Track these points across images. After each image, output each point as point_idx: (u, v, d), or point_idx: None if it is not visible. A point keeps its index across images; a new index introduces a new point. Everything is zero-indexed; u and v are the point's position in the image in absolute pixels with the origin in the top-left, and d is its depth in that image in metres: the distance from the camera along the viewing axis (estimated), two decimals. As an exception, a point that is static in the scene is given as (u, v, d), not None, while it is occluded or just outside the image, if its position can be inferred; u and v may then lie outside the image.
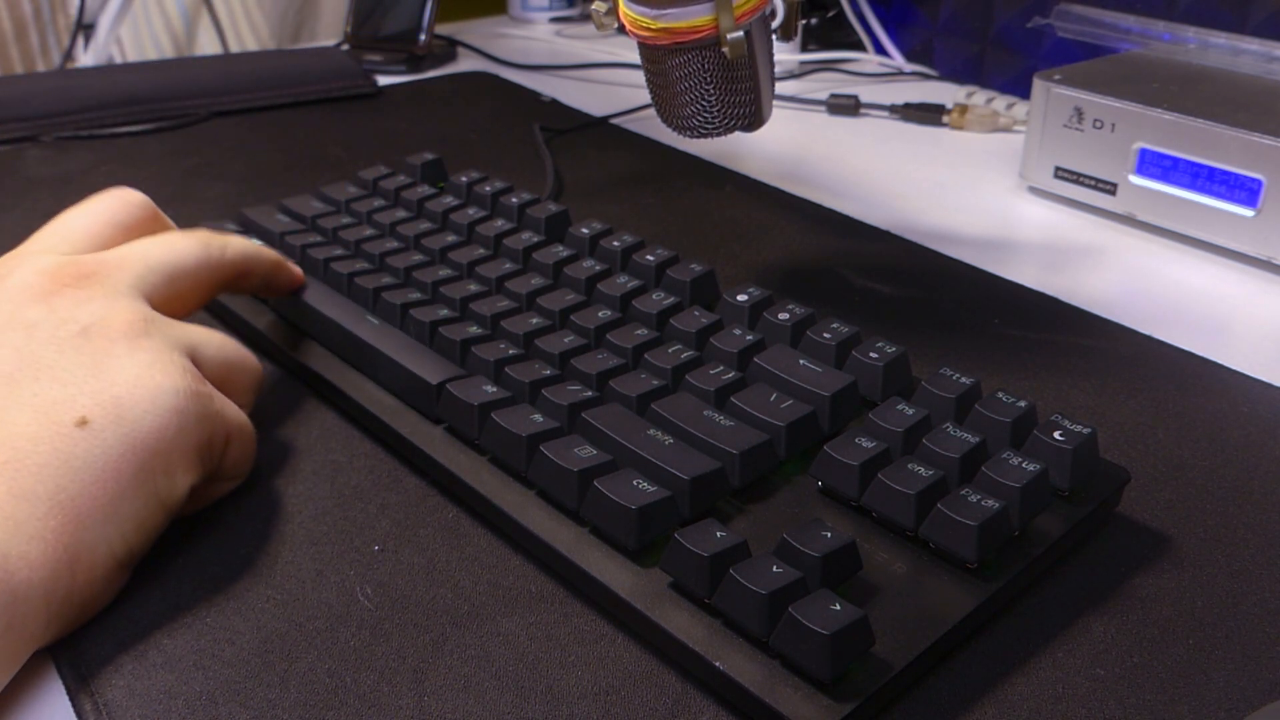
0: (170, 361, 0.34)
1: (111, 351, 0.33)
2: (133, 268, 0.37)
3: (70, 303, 0.34)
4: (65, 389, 0.32)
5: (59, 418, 0.32)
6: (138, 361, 0.34)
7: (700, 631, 0.30)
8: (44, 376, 0.33)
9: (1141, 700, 0.30)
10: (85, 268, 0.36)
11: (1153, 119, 0.58)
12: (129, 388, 0.33)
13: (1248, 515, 0.37)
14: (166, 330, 0.36)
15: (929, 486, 0.33)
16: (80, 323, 0.34)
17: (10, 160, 0.71)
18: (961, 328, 0.50)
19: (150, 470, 0.32)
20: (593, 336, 0.42)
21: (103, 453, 0.32)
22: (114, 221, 0.39)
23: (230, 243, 0.41)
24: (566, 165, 0.70)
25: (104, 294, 0.35)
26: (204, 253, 0.40)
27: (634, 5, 0.43)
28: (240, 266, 0.42)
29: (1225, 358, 0.47)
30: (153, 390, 0.33)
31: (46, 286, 0.35)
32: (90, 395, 0.32)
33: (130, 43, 1.22)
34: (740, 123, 0.46)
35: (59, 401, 0.32)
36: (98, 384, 0.33)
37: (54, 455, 0.31)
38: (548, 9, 1.07)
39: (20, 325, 0.34)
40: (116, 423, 0.32)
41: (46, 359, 0.33)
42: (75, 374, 0.33)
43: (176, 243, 0.39)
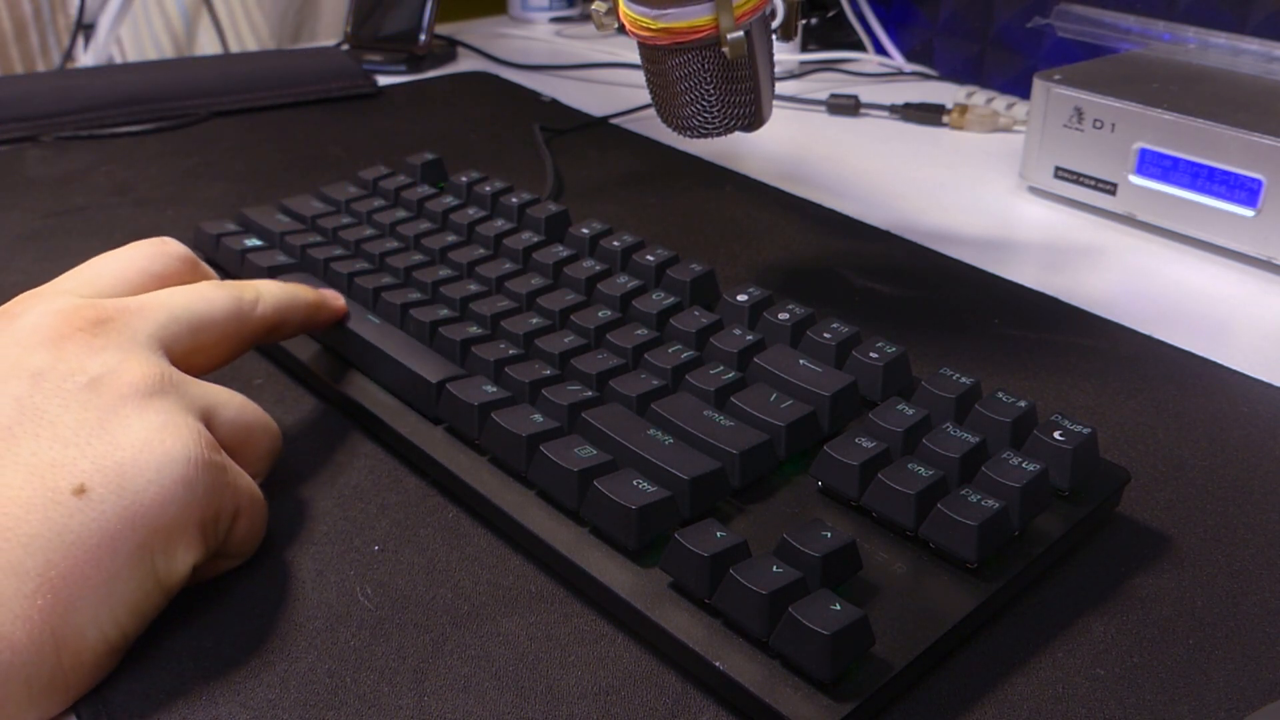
0: (182, 425, 0.31)
1: (119, 410, 0.31)
2: (154, 316, 0.34)
3: (81, 351, 0.32)
4: (65, 450, 0.30)
5: (56, 483, 0.29)
6: (147, 423, 0.31)
7: (700, 631, 0.30)
8: (44, 434, 0.30)
9: (1141, 700, 0.30)
10: (102, 312, 0.33)
11: (1153, 119, 0.58)
12: (134, 453, 0.30)
13: (1248, 515, 0.37)
14: (182, 389, 0.33)
15: (929, 486, 0.33)
16: (89, 374, 0.31)
17: (10, 160, 0.71)
18: (961, 328, 0.50)
19: (149, 547, 0.30)
20: (593, 336, 0.42)
21: (99, 526, 0.29)
22: (147, 269, 0.37)
23: (264, 294, 0.38)
24: (566, 165, 0.70)
25: (118, 343, 0.32)
26: (235, 306, 0.37)
27: (634, 5, 0.43)
28: (274, 320, 0.39)
29: (1225, 358, 0.47)
30: (160, 457, 0.30)
31: (58, 330, 0.32)
32: (92, 459, 0.30)
33: (130, 43, 1.22)
34: (740, 123, 0.46)
35: (57, 464, 0.29)
36: (101, 447, 0.30)
37: (47, 526, 0.28)
38: (548, 9, 1.07)
39: (25, 372, 0.31)
40: (118, 493, 0.29)
41: (49, 413, 0.30)
42: (78, 433, 0.30)
43: (206, 292, 0.36)
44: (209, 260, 0.52)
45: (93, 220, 0.62)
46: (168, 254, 0.38)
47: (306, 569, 0.35)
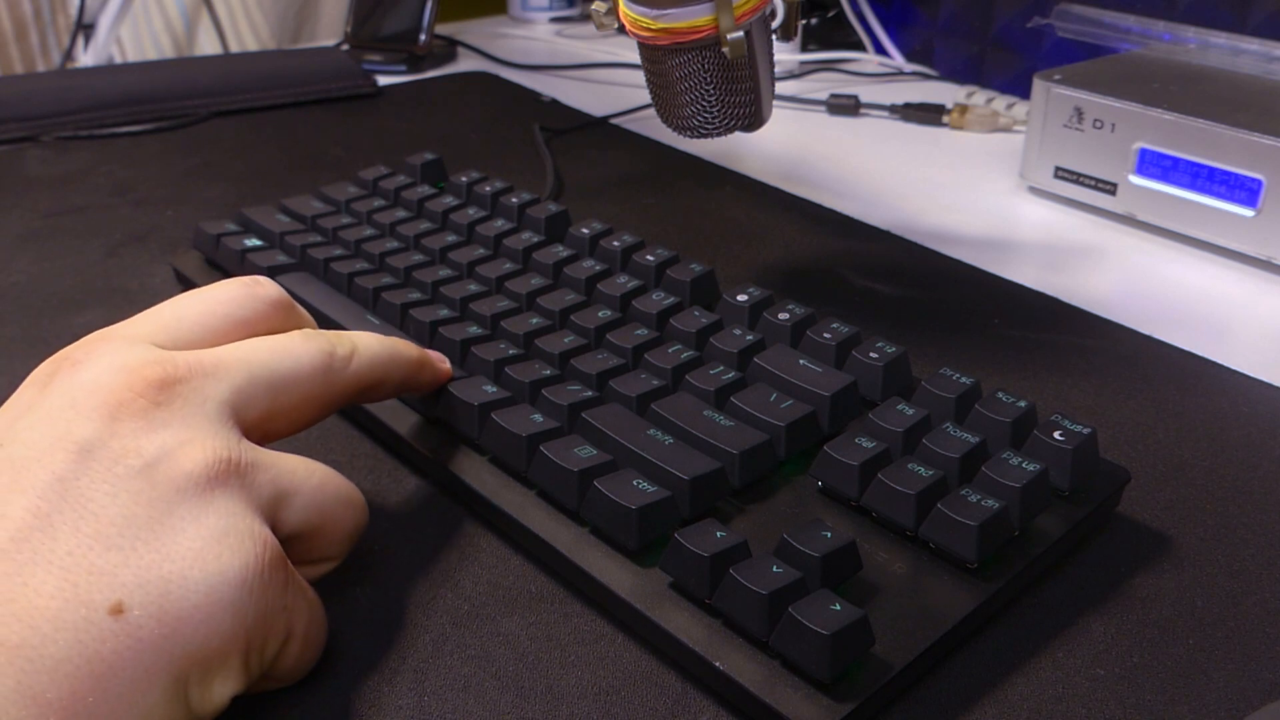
0: (244, 533, 0.27)
1: (175, 509, 0.27)
2: (229, 376, 0.30)
3: (139, 425, 0.27)
4: (107, 555, 0.25)
5: (91, 597, 0.25)
6: (204, 529, 0.27)
7: (700, 631, 0.30)
8: (86, 528, 0.25)
9: (1141, 700, 0.30)
10: (172, 373, 0.28)
11: (1153, 119, 0.58)
12: (184, 567, 0.26)
13: (1248, 515, 0.37)
14: (250, 476, 0.28)
15: (929, 486, 0.33)
16: (144, 457, 0.27)
17: (10, 160, 0.71)
18: (961, 328, 0.50)
19: (185, 679, 0.26)
20: (593, 336, 0.42)
21: (135, 655, 0.25)
22: (233, 315, 0.32)
23: (361, 349, 0.34)
24: (566, 165, 0.70)
25: (183, 416, 0.28)
26: (325, 362, 0.32)
27: (634, 5, 0.43)
28: (368, 380, 0.34)
29: (1225, 358, 0.47)
30: (213, 575, 0.26)
31: (118, 394, 0.28)
32: (135, 571, 0.25)
33: (130, 43, 1.22)
34: (740, 123, 0.46)
35: (96, 572, 0.25)
36: (148, 556, 0.26)
37: (77, 650, 0.24)
38: (548, 9, 1.07)
39: (73, 445, 0.27)
40: (158, 617, 0.25)
41: (95, 503, 0.26)
42: (124, 533, 0.26)
43: (294, 346, 0.32)
44: (209, 260, 0.52)
45: (93, 220, 0.62)
46: (258, 297, 0.33)
47: (306, 569, 0.35)
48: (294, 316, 0.34)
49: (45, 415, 0.27)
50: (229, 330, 0.32)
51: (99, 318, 0.51)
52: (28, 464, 0.26)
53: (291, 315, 0.34)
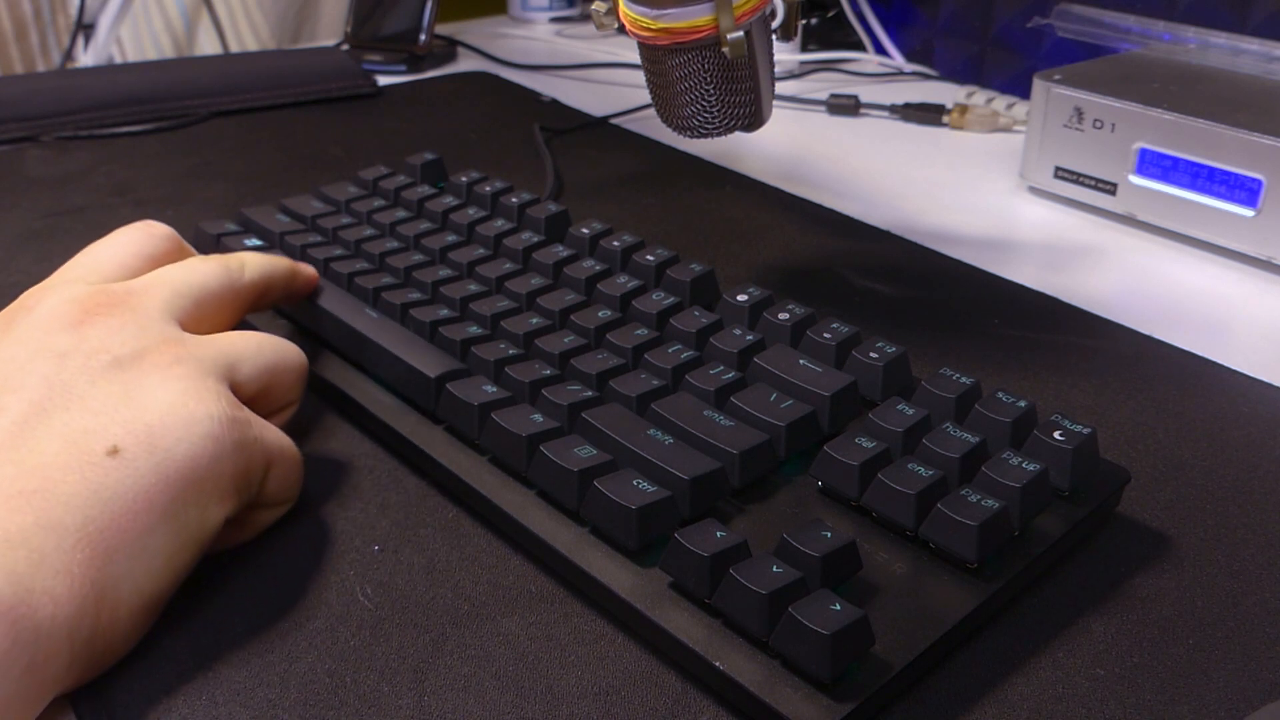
0: (205, 389, 0.33)
1: (144, 382, 0.33)
2: (159, 293, 0.36)
3: (101, 331, 0.34)
4: (97, 418, 0.31)
5: (90, 447, 0.31)
6: (171, 390, 0.33)
7: (700, 631, 0.30)
8: (74, 406, 0.32)
9: (1141, 700, 0.30)
10: (114, 296, 0.35)
11: (1153, 119, 0.58)
12: (162, 416, 0.32)
13: (1248, 515, 0.37)
14: (200, 353, 0.35)
15: (929, 486, 0.33)
16: (112, 352, 0.33)
17: (10, 160, 0.71)
18: (961, 328, 0.50)
19: (183, 501, 0.31)
20: (593, 336, 0.42)
21: (134, 482, 0.30)
22: (140, 253, 0.39)
23: (247, 261, 0.41)
24: (566, 165, 0.70)
25: (135, 321, 0.35)
26: (225, 274, 0.39)
27: (634, 5, 0.43)
28: (261, 284, 0.41)
29: (1225, 358, 0.47)
30: (186, 418, 0.32)
31: (76, 315, 0.34)
32: (122, 424, 0.31)
33: (130, 43, 1.22)
34: (740, 123, 0.46)
35: (90, 430, 0.31)
36: (130, 413, 0.32)
37: (84, 484, 0.30)
38: (548, 9, 1.07)
39: (51, 353, 0.33)
40: (149, 452, 0.31)
41: (78, 388, 0.32)
42: (107, 404, 0.32)
43: (198, 266, 0.39)
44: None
45: (93, 220, 0.62)
46: (156, 235, 0.40)
47: (306, 569, 0.35)
48: (185, 249, 0.42)
49: (20, 338, 0.34)
50: (140, 266, 0.39)
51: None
52: (15, 373, 0.32)
53: (184, 248, 0.42)
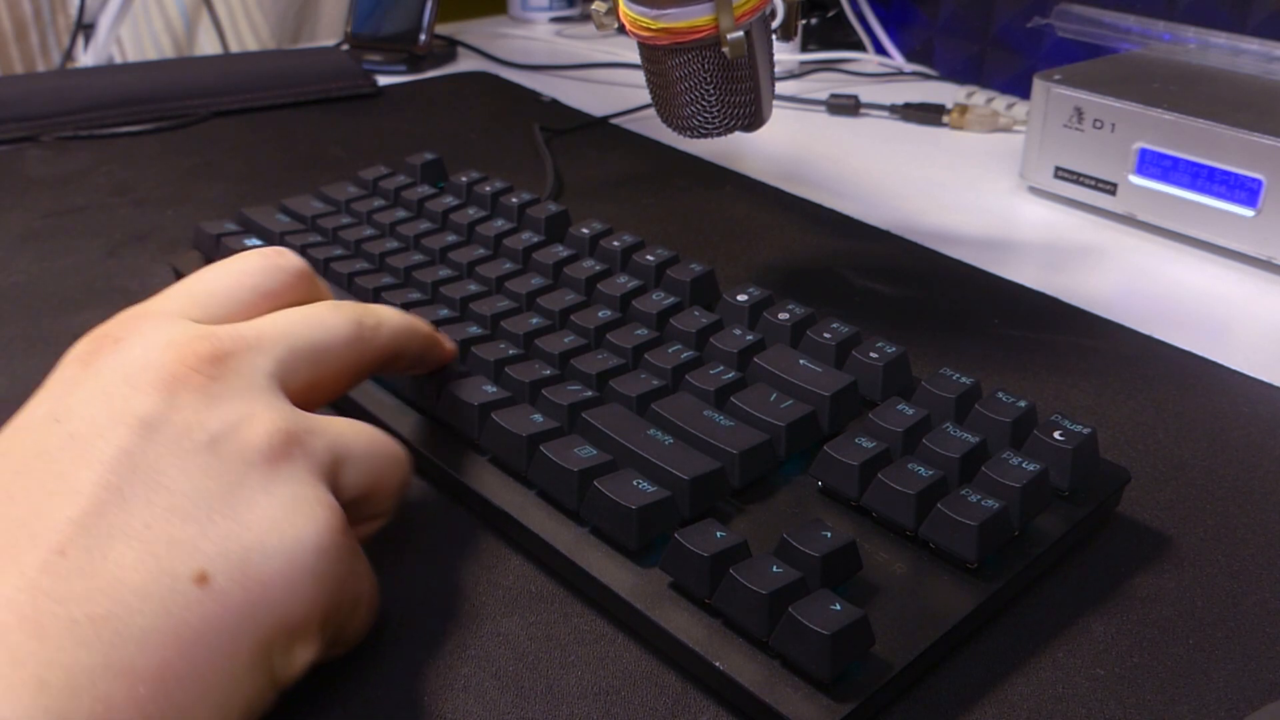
0: (313, 500, 0.28)
1: (245, 480, 0.27)
2: (273, 348, 0.30)
3: (198, 400, 0.28)
4: (185, 527, 0.26)
5: (174, 567, 0.25)
6: (275, 499, 0.27)
7: (700, 631, 0.30)
8: (159, 501, 0.26)
9: (1141, 700, 0.30)
10: (219, 348, 0.29)
11: (1153, 119, 0.58)
12: (262, 536, 0.26)
13: (1248, 515, 0.37)
14: (309, 444, 0.29)
15: (929, 486, 0.33)
16: (209, 431, 0.27)
17: (10, 160, 0.71)
18: (961, 328, 0.50)
19: (270, 645, 0.26)
20: (593, 336, 0.42)
21: (221, 622, 0.25)
22: (260, 287, 0.33)
23: (384, 319, 0.35)
24: (566, 165, 0.70)
25: (239, 389, 0.29)
26: (356, 333, 0.33)
27: (634, 5, 0.43)
28: (391, 350, 0.35)
29: (1225, 358, 0.47)
30: (290, 542, 0.27)
31: (171, 370, 0.28)
32: (215, 541, 0.26)
33: (130, 43, 1.22)
34: (740, 123, 0.46)
35: (177, 543, 0.25)
36: (225, 525, 0.26)
37: (164, 619, 0.24)
38: (548, 9, 1.07)
39: (134, 420, 0.27)
40: (243, 585, 0.26)
41: (165, 476, 0.26)
42: (198, 505, 0.26)
43: (326, 317, 0.32)
44: (209, 260, 0.52)
45: (93, 220, 0.62)
46: (282, 268, 0.34)
47: (306, 569, 0.35)
48: (315, 287, 0.35)
49: (99, 391, 0.27)
50: (257, 302, 0.32)
51: (99, 317, 0.51)
52: (91, 439, 0.26)
53: (313, 285, 0.35)
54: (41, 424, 0.27)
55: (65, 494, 0.25)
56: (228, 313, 0.32)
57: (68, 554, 0.24)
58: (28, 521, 0.24)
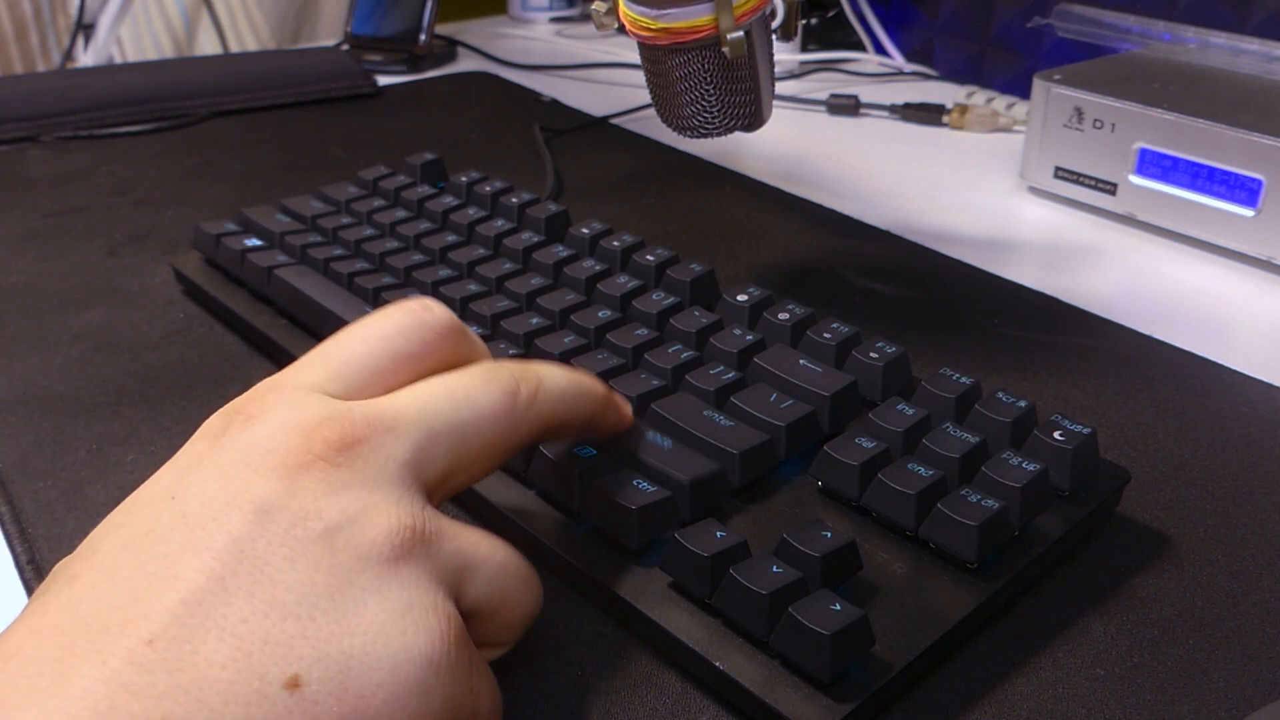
0: (429, 608, 0.25)
1: (355, 579, 0.24)
2: (410, 433, 0.27)
3: (320, 488, 0.25)
4: (283, 625, 0.23)
5: (266, 668, 0.23)
6: (387, 603, 0.24)
7: (700, 631, 0.30)
8: (261, 593, 0.23)
9: (1141, 700, 0.30)
10: (350, 432, 0.26)
11: (1153, 119, 0.58)
12: (366, 643, 0.24)
13: (1248, 515, 0.37)
14: (434, 547, 0.26)
15: (929, 486, 0.33)
16: (325, 521, 0.25)
17: (10, 160, 0.71)
18: (961, 328, 0.50)
19: None
20: (593, 337, 0.42)
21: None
22: (402, 352, 0.29)
23: (545, 385, 0.31)
24: (566, 165, 0.70)
25: (364, 479, 0.26)
26: (508, 405, 0.29)
27: (634, 5, 0.43)
28: (552, 420, 0.31)
29: (1225, 358, 0.47)
30: (397, 653, 0.24)
31: (296, 455, 0.26)
32: (314, 643, 0.23)
33: (130, 43, 1.22)
34: (740, 123, 0.46)
35: (272, 641, 0.23)
36: (328, 627, 0.24)
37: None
38: (548, 9, 1.07)
39: (249, 506, 0.25)
40: (338, 694, 0.23)
41: (271, 567, 0.24)
42: (302, 601, 0.24)
43: (475, 392, 0.29)
44: (209, 260, 0.52)
45: (93, 220, 0.62)
46: (427, 326, 0.30)
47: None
48: (465, 343, 0.31)
49: (219, 471, 0.26)
50: (398, 369, 0.29)
51: (99, 317, 0.51)
52: (203, 522, 0.24)
53: (463, 342, 0.31)
54: (159, 500, 0.26)
55: (166, 579, 0.23)
56: (366, 382, 0.29)
57: (156, 645, 0.22)
58: (123, 605, 0.23)
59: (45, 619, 0.23)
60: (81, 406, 0.44)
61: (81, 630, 0.22)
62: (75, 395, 0.45)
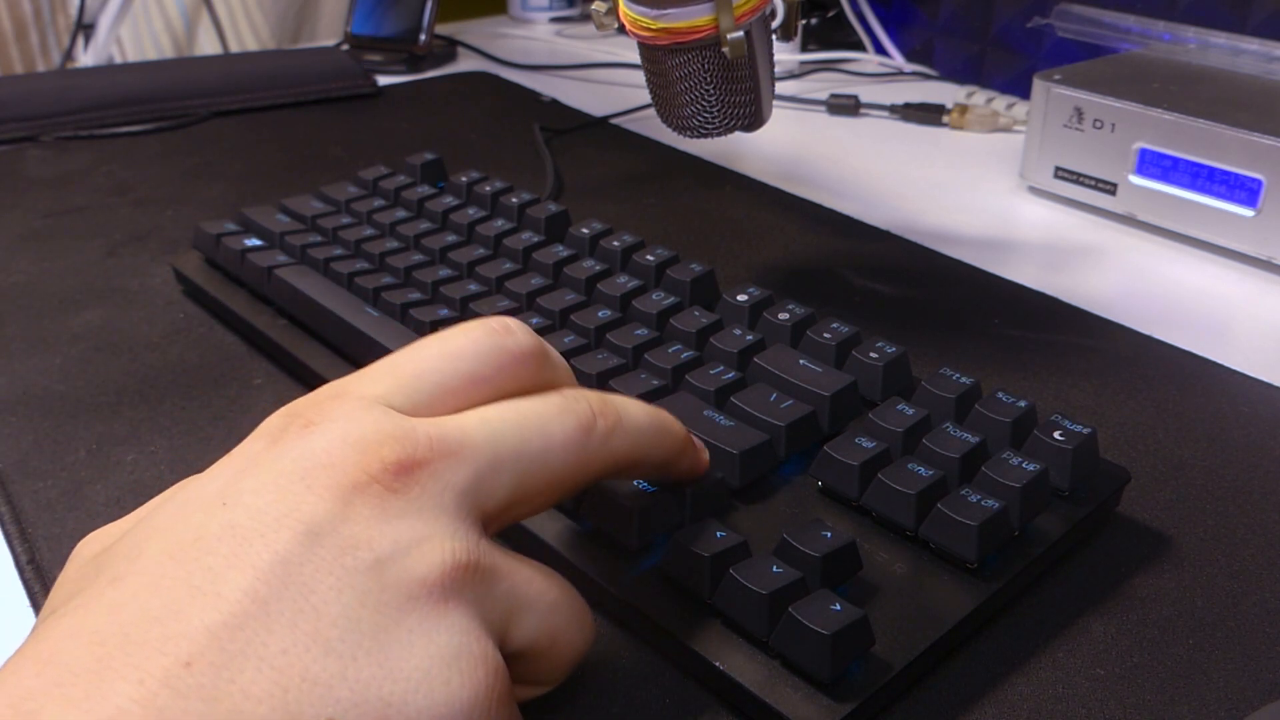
0: (477, 657, 0.24)
1: (404, 619, 0.23)
2: (473, 460, 0.26)
3: (373, 513, 0.24)
4: (324, 661, 0.22)
5: (301, 710, 0.21)
6: (433, 647, 0.23)
7: (700, 631, 0.30)
8: (304, 624, 0.22)
9: (1141, 700, 0.30)
10: (410, 455, 0.25)
11: (1153, 119, 0.58)
12: (406, 690, 0.22)
13: (1248, 515, 0.37)
14: (485, 586, 0.25)
15: (929, 486, 0.33)
16: (376, 551, 0.23)
17: (10, 160, 0.71)
18: (961, 328, 0.50)
19: None
20: (593, 337, 0.42)
21: None
22: (475, 374, 0.27)
23: (624, 420, 0.29)
24: (566, 165, 0.70)
25: (420, 509, 0.25)
26: (581, 440, 0.28)
27: (634, 5, 0.43)
28: (627, 458, 0.29)
29: (1225, 358, 0.47)
30: (439, 706, 0.23)
31: (351, 474, 0.24)
32: (353, 687, 0.22)
33: (130, 43, 1.22)
34: (740, 123, 0.46)
35: (310, 680, 0.22)
36: (368, 670, 0.22)
37: None
38: (548, 9, 1.07)
39: (299, 525, 0.23)
40: None
41: (316, 595, 0.23)
42: (345, 638, 0.22)
43: (548, 422, 0.27)
44: (209, 260, 0.52)
45: (93, 220, 0.62)
46: (506, 350, 0.28)
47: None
48: (545, 367, 0.29)
49: (273, 481, 0.24)
50: (469, 391, 0.27)
51: (99, 318, 0.51)
52: (249, 537, 0.23)
53: (543, 367, 0.29)
54: (209, 504, 0.24)
55: (209, 595, 0.22)
56: (434, 400, 0.27)
57: (194, 669, 0.21)
58: (163, 619, 0.22)
59: (85, 622, 0.22)
60: (81, 406, 0.44)
61: (119, 641, 0.22)
62: (75, 395, 0.45)
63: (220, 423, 0.43)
